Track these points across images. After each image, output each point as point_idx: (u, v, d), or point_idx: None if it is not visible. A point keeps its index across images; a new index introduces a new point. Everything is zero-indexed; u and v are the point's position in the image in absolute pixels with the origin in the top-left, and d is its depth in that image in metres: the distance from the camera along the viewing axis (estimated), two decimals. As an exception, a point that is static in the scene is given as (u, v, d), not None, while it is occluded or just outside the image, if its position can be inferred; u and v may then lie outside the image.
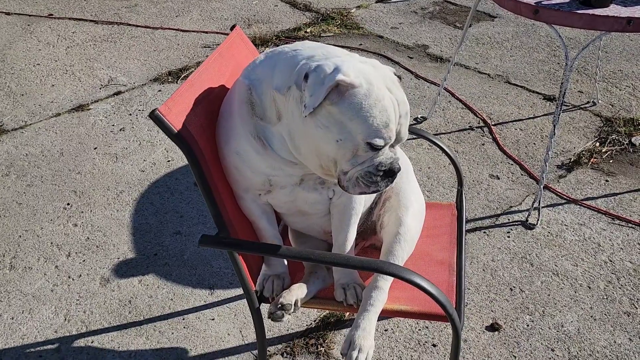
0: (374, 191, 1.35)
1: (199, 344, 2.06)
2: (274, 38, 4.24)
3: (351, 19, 4.62)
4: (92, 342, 2.06)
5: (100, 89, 3.64)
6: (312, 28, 4.45)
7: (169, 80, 3.72)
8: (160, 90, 3.62)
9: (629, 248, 2.44)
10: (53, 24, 4.48)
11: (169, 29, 4.43)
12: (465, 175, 2.87)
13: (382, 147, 1.30)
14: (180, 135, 1.36)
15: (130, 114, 3.38)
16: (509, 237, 2.50)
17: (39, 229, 2.56)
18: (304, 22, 4.57)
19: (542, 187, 2.55)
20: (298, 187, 1.49)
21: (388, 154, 1.33)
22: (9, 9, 4.75)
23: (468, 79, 3.76)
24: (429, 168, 2.93)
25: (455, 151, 3.07)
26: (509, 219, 2.60)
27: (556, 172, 2.90)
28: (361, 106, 1.26)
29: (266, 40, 4.19)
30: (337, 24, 4.53)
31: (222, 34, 4.36)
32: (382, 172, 1.32)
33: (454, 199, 2.50)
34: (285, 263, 1.64)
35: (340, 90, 1.26)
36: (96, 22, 4.53)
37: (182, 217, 2.63)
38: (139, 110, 3.42)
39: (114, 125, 3.28)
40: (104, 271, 2.35)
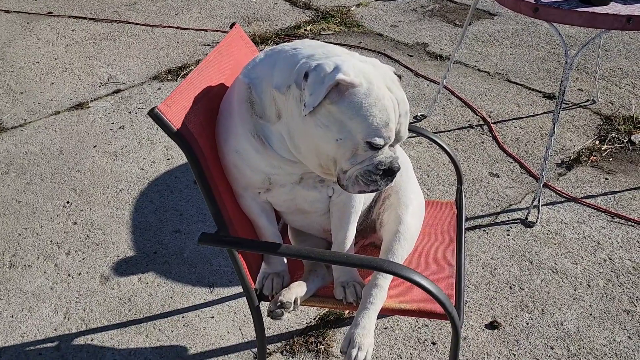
0: (374, 190, 1.35)
1: (198, 342, 2.06)
2: (273, 36, 4.23)
3: (351, 17, 4.61)
4: (91, 340, 2.06)
5: (100, 87, 3.64)
6: (311, 26, 4.45)
7: (168, 78, 3.72)
8: (159, 88, 3.62)
9: (628, 246, 2.44)
10: (52, 22, 4.48)
11: (169, 27, 4.43)
12: (464, 174, 2.87)
13: (382, 147, 1.30)
14: (179, 133, 1.36)
15: (130, 112, 3.38)
16: (508, 235, 2.50)
17: (38, 227, 2.56)
18: (304, 20, 4.56)
19: (541, 185, 2.55)
20: (297, 186, 1.49)
21: (388, 153, 1.33)
22: (9, 7, 4.74)
23: (468, 77, 3.76)
24: (429, 166, 2.93)
25: (455, 149, 3.07)
26: (508, 217, 2.60)
27: (556, 170, 2.90)
28: (361, 105, 1.26)
29: (266, 38, 4.18)
30: (337, 22, 4.53)
31: (222, 32, 4.36)
32: (382, 171, 1.32)
33: (453, 197, 2.51)
34: (284, 261, 1.64)
35: (340, 90, 1.26)
36: (96, 20, 4.52)
37: (181, 215, 2.63)
38: (139, 108, 3.42)
39: (113, 124, 3.28)
40: (103, 269, 2.35)
